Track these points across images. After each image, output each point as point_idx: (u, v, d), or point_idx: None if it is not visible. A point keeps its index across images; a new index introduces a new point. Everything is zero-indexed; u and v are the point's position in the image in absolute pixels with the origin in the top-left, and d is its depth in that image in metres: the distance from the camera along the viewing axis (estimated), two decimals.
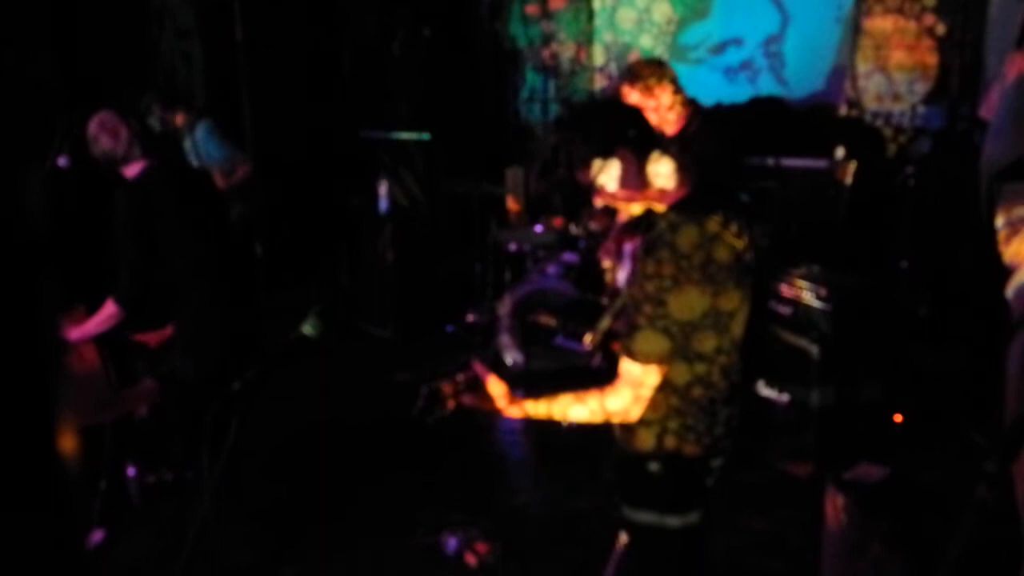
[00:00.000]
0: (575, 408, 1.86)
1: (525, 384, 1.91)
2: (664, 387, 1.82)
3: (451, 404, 1.86)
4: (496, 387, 1.87)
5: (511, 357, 4.55)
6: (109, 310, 2.94)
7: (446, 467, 3.77)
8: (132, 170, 3.00)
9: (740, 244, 1.81)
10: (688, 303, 1.73)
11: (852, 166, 4.24)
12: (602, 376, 1.85)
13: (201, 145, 4.96)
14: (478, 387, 1.87)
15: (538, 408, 1.89)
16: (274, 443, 3.83)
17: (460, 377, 1.88)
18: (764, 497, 3.36)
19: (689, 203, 1.83)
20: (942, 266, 4.20)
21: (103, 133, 2.96)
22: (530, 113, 6.45)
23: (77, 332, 2.99)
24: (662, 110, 3.33)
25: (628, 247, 3.48)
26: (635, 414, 1.83)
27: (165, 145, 4.82)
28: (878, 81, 4.73)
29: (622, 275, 3.33)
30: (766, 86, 5.21)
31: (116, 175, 3.03)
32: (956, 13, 4.44)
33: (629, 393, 1.80)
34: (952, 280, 4.15)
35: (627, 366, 1.79)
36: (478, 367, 1.87)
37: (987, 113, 2.36)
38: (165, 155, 3.51)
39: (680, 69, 3.48)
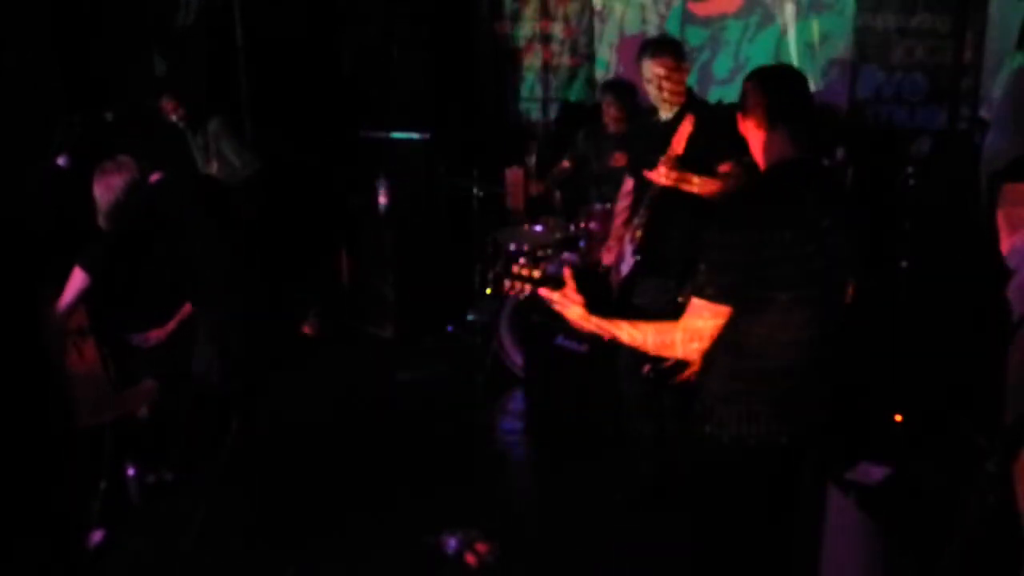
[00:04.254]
0: (655, 335, 1.94)
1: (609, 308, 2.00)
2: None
3: (526, 286, 1.99)
4: (576, 297, 1.98)
5: (512, 358, 4.55)
6: (76, 275, 2.96)
7: (446, 467, 3.77)
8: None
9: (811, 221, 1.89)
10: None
11: (852, 166, 4.23)
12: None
13: (214, 142, 4.98)
14: (558, 287, 1.99)
15: (612, 327, 1.99)
16: (273, 443, 3.83)
17: (541, 270, 2.00)
18: None
19: (782, 169, 1.91)
20: (942, 266, 4.20)
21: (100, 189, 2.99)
22: (530, 113, 6.44)
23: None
24: (672, 81, 3.29)
25: (626, 238, 3.48)
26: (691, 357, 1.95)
27: (175, 139, 4.85)
28: (878, 81, 4.73)
29: (624, 267, 3.33)
30: None
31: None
32: (956, 12, 4.44)
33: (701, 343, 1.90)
34: (952, 280, 4.15)
35: (696, 319, 1.88)
36: (568, 271, 1.97)
37: (989, 113, 2.37)
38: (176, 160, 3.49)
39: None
